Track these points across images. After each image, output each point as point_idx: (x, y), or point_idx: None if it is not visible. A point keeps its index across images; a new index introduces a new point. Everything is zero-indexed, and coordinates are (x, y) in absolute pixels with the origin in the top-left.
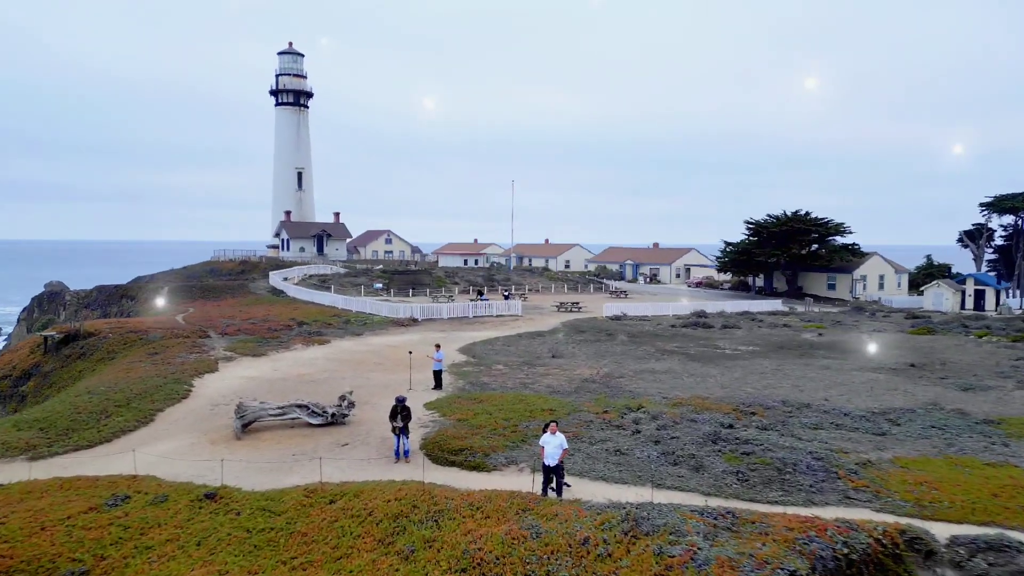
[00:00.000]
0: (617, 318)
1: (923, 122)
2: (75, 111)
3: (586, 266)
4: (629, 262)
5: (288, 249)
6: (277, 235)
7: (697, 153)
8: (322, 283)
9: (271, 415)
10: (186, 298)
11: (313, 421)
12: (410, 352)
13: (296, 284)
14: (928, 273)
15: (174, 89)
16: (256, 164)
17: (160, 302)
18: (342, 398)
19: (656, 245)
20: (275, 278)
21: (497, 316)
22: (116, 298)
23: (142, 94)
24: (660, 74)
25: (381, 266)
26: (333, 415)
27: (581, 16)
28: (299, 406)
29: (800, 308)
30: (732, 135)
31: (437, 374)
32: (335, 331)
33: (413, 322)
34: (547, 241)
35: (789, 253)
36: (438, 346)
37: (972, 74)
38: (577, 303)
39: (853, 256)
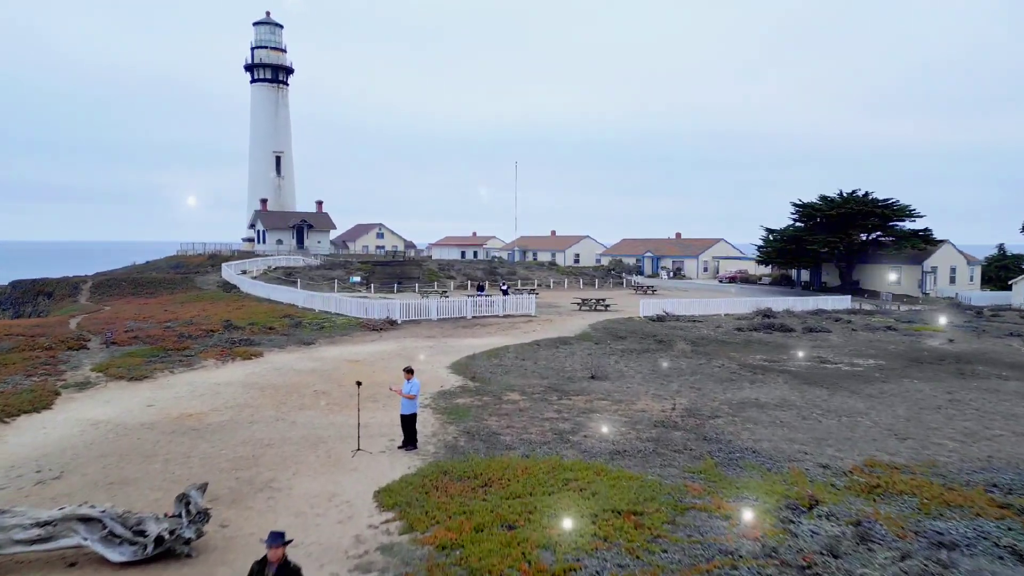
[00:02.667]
0: (660, 319)
1: (929, 117)
2: (55, 106)
3: (598, 260)
4: (648, 254)
5: (264, 241)
6: (252, 226)
7: (695, 152)
8: (287, 277)
9: (22, 541)
10: (113, 294)
11: (112, 555)
12: (359, 383)
13: (254, 278)
14: (1002, 265)
15: (164, 83)
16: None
17: (81, 299)
18: (183, 500)
19: (679, 235)
20: (228, 271)
21: (504, 316)
22: (32, 295)
23: (132, 88)
24: (656, 71)
25: (359, 258)
26: (160, 540)
27: (576, 12)
28: (85, 519)
29: (872, 305)
30: (730, 133)
31: (408, 421)
32: (275, 339)
33: (390, 325)
34: (553, 233)
35: (848, 241)
36: (410, 371)
37: (968, 71)
38: (603, 300)
39: (926, 244)
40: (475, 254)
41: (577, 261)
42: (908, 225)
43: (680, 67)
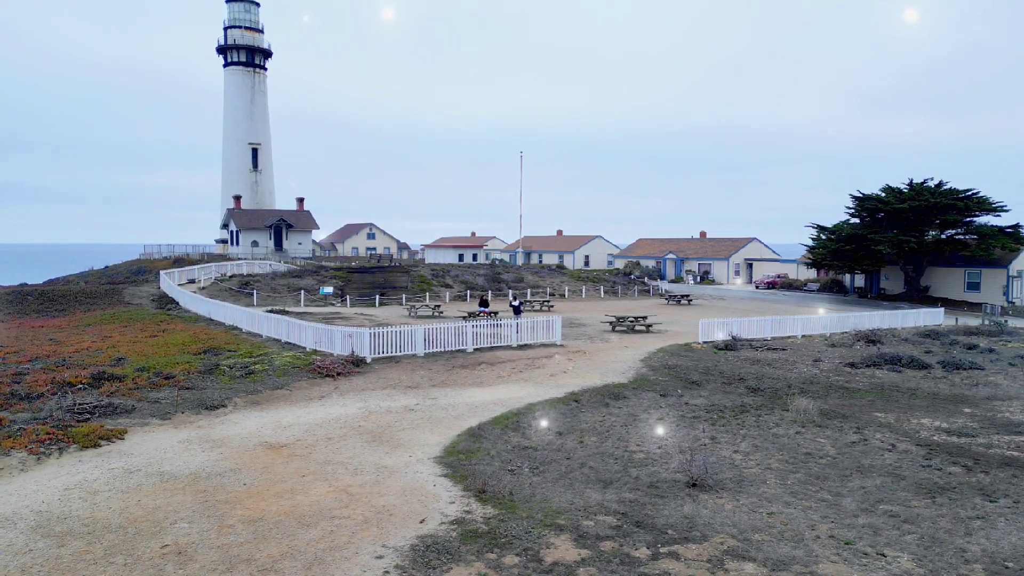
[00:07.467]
0: (728, 347)
1: (918, 116)
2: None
3: (610, 262)
4: (671, 255)
5: (238, 243)
6: (225, 226)
7: (689, 150)
8: (243, 288)
9: None
10: (12, 312)
11: None
12: None
13: (202, 288)
14: None
15: (138, 75)
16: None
17: None
18: None
19: (703, 234)
20: (168, 281)
21: (519, 347)
22: None
23: (122, 82)
24: (648, 69)
25: (335, 263)
26: None
27: (569, 9)
28: None
29: (989, 322)
30: (722, 131)
31: None
32: (163, 398)
33: (354, 365)
34: (560, 233)
35: (922, 239)
36: None
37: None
38: (643, 317)
39: (1017, 243)
40: (474, 256)
41: (587, 264)
42: (992, 220)
43: (678, 66)
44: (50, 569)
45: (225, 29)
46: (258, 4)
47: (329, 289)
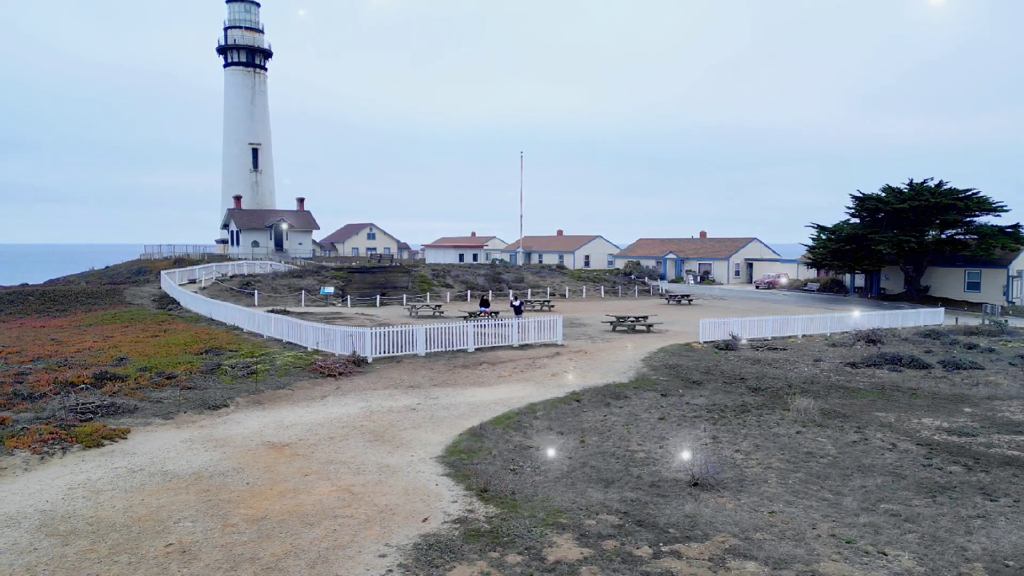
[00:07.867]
0: (727, 346)
1: (919, 115)
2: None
3: (611, 262)
4: (671, 255)
5: (238, 243)
6: (225, 226)
7: (689, 150)
8: (244, 288)
9: None
10: (13, 312)
11: None
12: None
13: (203, 288)
14: None
15: (140, 76)
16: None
17: None
18: None
19: (704, 234)
20: (168, 281)
21: (520, 346)
22: None
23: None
24: (649, 69)
25: (335, 263)
26: None
27: (569, 9)
28: None
29: (989, 322)
30: (722, 131)
31: None
32: (167, 398)
33: (356, 365)
34: (560, 233)
35: (922, 239)
36: None
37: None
38: (644, 317)
39: (1017, 243)
40: (475, 257)
41: (587, 264)
42: (992, 220)
43: (678, 66)
44: (55, 568)
45: (225, 29)
46: (258, 4)
47: (330, 289)
